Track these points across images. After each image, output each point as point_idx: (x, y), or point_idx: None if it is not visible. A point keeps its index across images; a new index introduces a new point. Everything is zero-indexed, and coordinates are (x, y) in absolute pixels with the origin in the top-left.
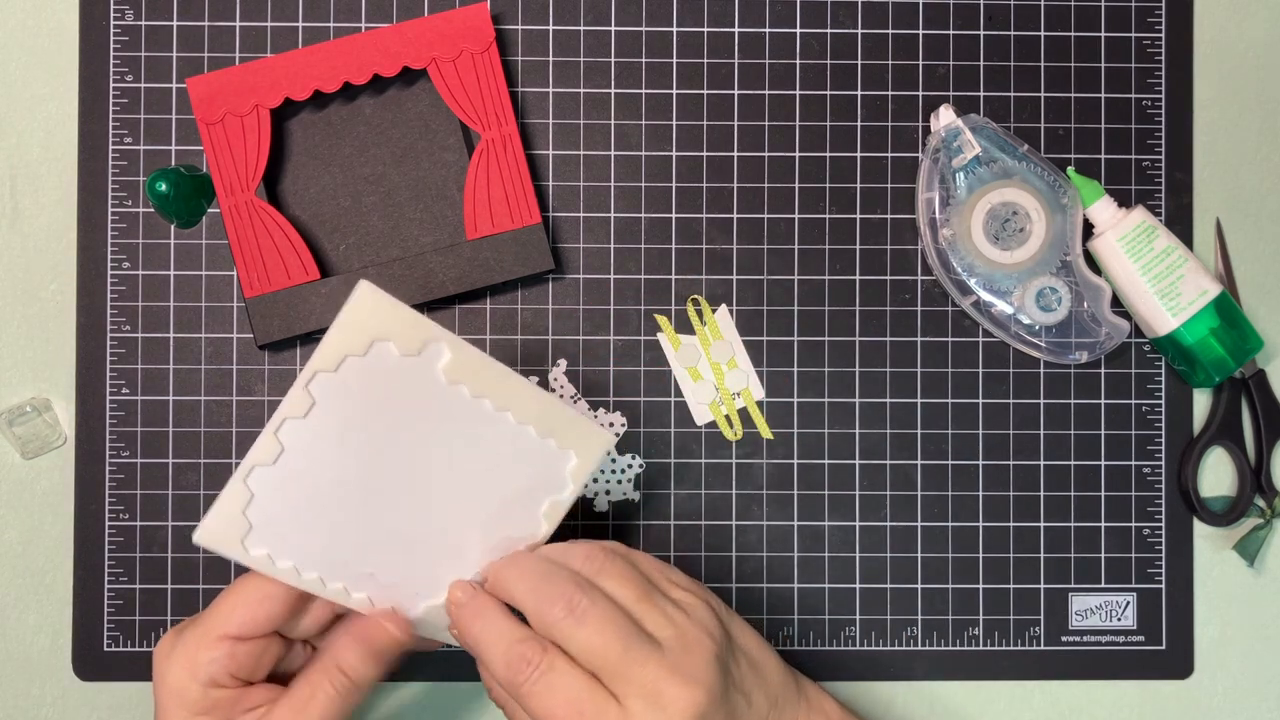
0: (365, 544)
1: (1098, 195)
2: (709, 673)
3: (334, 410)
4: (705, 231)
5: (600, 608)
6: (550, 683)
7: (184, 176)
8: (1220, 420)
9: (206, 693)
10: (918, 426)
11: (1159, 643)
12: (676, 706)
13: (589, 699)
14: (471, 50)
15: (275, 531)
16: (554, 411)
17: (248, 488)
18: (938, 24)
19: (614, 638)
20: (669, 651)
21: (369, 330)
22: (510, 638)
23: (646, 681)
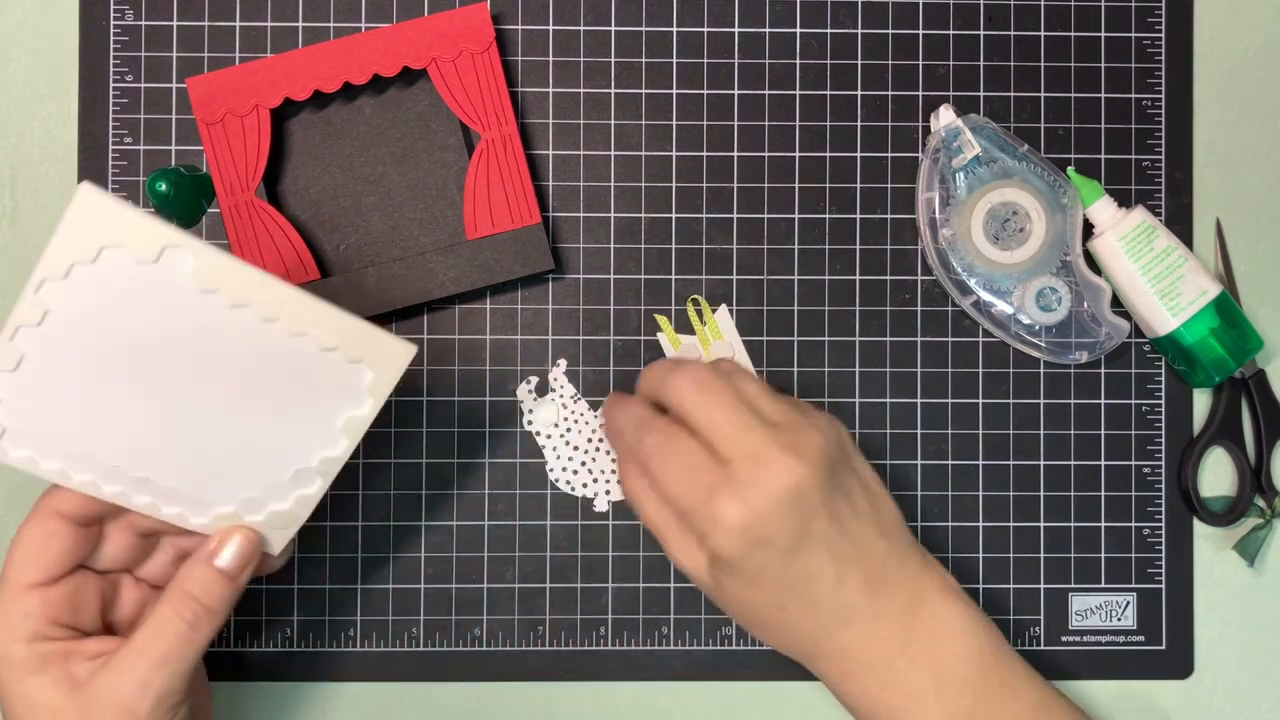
0: (134, 450)
1: (1098, 195)
2: (814, 455)
3: (72, 317)
4: (705, 231)
5: (722, 385)
6: (669, 445)
7: (184, 176)
8: (1220, 420)
9: (33, 649)
10: (918, 426)
11: (1159, 643)
12: (775, 469)
13: (700, 458)
14: (471, 50)
15: (34, 436)
16: (338, 323)
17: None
18: (938, 24)
19: (734, 409)
20: (780, 429)
21: (95, 236)
22: (642, 415)
23: (752, 445)
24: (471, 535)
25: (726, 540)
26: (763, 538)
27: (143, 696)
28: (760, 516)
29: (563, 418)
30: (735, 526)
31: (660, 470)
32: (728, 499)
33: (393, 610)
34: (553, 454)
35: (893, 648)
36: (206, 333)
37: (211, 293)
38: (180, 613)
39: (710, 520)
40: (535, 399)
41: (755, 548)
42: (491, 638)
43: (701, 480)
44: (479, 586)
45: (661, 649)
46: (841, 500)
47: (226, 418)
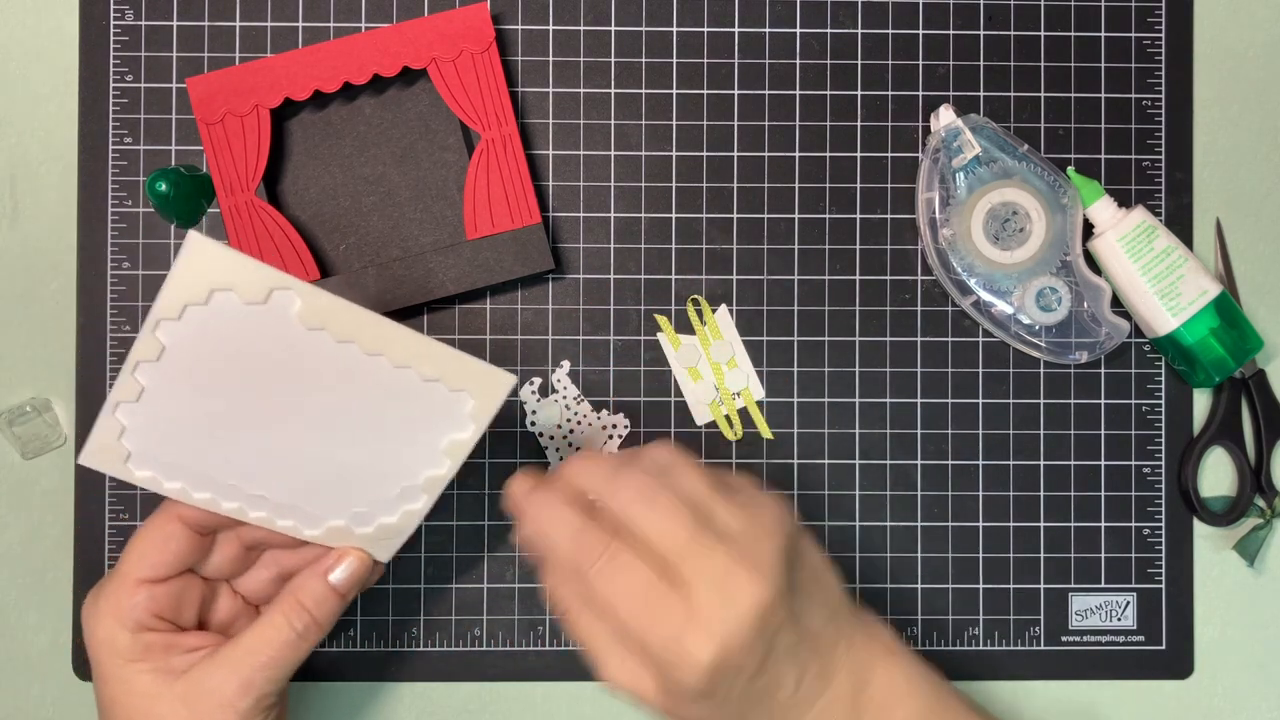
0: (250, 470)
1: (1098, 195)
2: (777, 566)
3: (188, 352)
4: (705, 231)
5: (671, 494)
6: (618, 566)
7: (184, 176)
8: (1220, 420)
9: (137, 638)
10: (918, 426)
11: (1159, 643)
12: (742, 594)
13: (655, 589)
14: (471, 50)
15: (158, 458)
16: (438, 355)
17: (118, 420)
18: (938, 24)
19: (684, 523)
20: (739, 541)
21: (206, 281)
22: (577, 524)
23: (715, 569)
24: (471, 535)
25: (697, 679)
26: (734, 667)
27: (245, 695)
28: (733, 651)
29: (565, 419)
30: (708, 665)
31: (612, 597)
32: (698, 638)
33: (393, 610)
34: (555, 455)
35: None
36: (315, 365)
37: (318, 330)
38: (292, 621)
39: (679, 659)
40: (538, 400)
41: (725, 677)
42: (491, 638)
43: (661, 616)
44: (479, 586)
45: None
46: (797, 600)
47: (336, 441)
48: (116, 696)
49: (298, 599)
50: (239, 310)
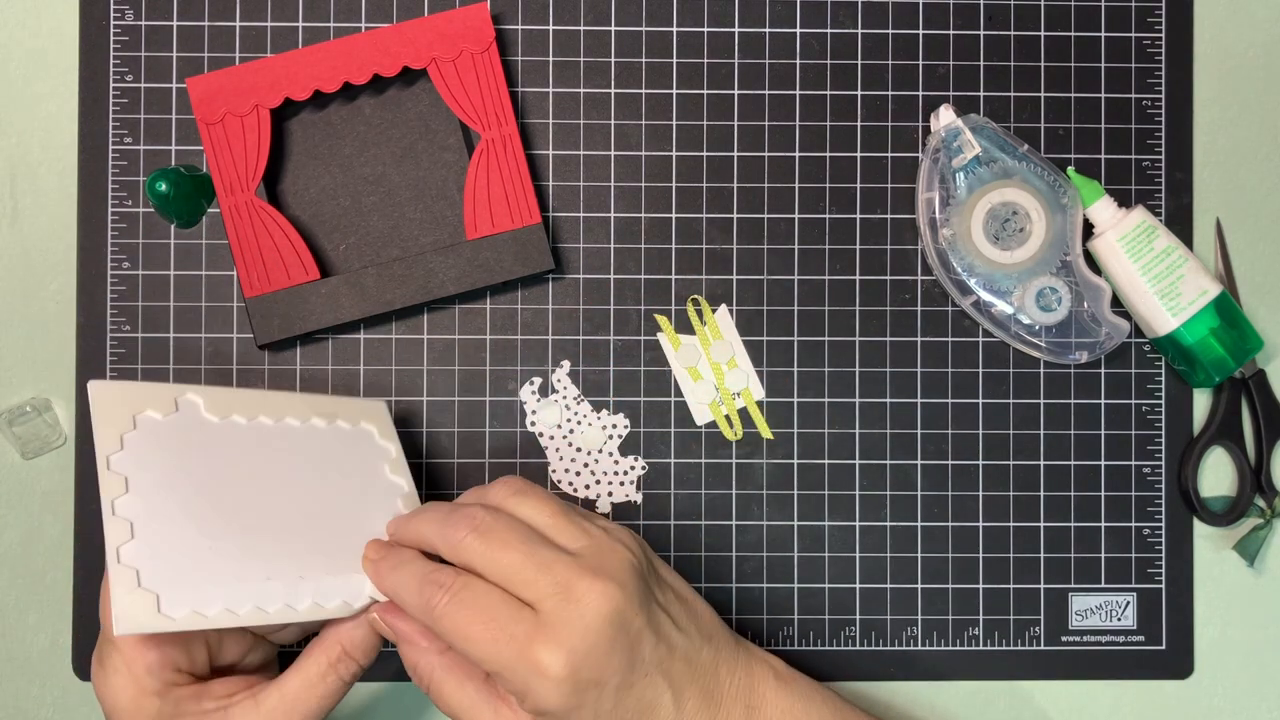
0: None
1: (1098, 195)
2: (625, 575)
3: (147, 477)
4: (705, 231)
5: (505, 522)
6: (463, 600)
7: (184, 176)
8: (1220, 420)
9: (166, 699)
10: (918, 426)
11: (1159, 643)
12: (589, 600)
13: (503, 609)
14: (471, 50)
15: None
16: (321, 403)
17: (127, 567)
18: (938, 24)
19: (520, 546)
20: (581, 556)
21: (122, 413)
22: (423, 571)
23: (557, 581)
24: None
25: (552, 693)
26: (592, 679)
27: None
28: (585, 657)
29: (565, 419)
30: (560, 675)
31: (459, 631)
32: (546, 647)
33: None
34: (555, 455)
35: None
36: (247, 447)
37: (229, 417)
38: (339, 671)
39: (530, 674)
40: (539, 400)
41: (585, 692)
42: None
43: (510, 632)
44: None
45: None
46: (661, 615)
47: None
48: None
49: (343, 647)
50: (163, 424)
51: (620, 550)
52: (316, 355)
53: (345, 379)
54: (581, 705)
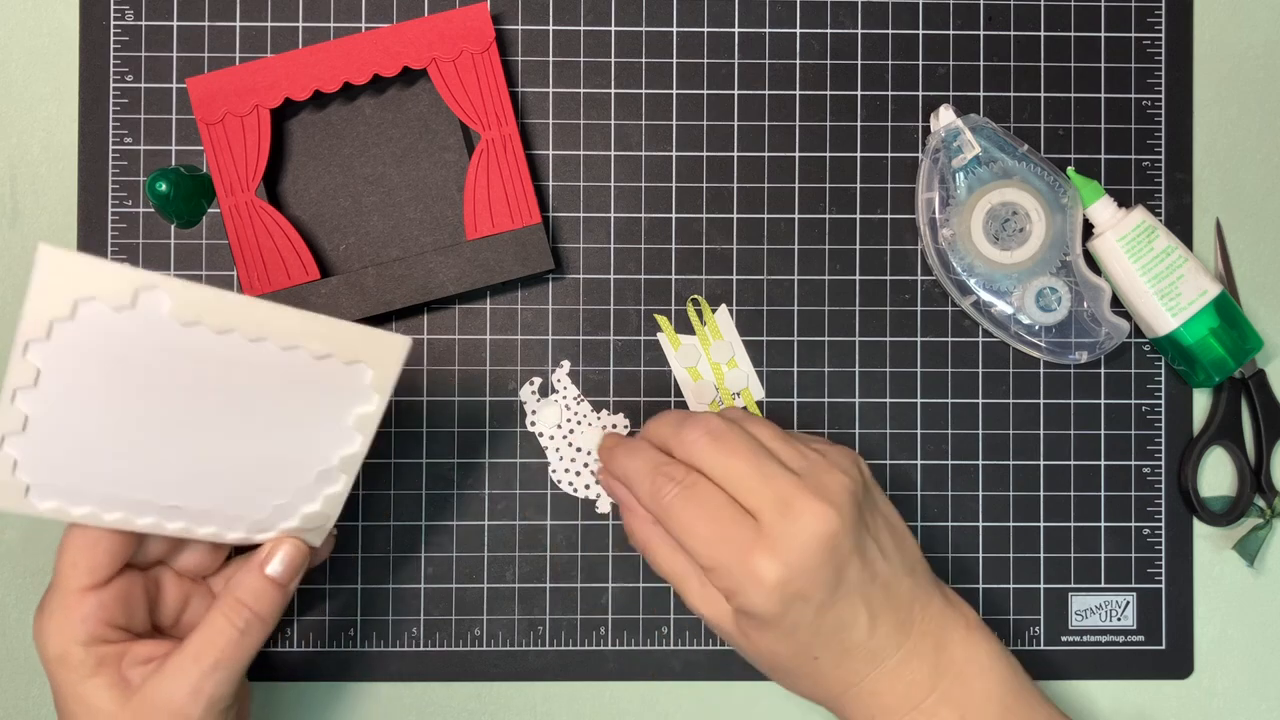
0: (160, 482)
1: (1098, 195)
2: (842, 498)
3: (67, 372)
4: (705, 231)
5: (737, 431)
6: (691, 496)
7: (184, 176)
8: (1220, 420)
9: (89, 652)
10: (918, 426)
11: (1159, 643)
12: (806, 519)
13: (727, 511)
14: (471, 50)
15: (58, 486)
16: (324, 328)
17: (7, 454)
18: (938, 24)
19: (748, 455)
20: (805, 475)
21: (67, 293)
22: (656, 461)
23: (779, 494)
24: (471, 535)
25: (764, 599)
26: (800, 592)
27: (195, 701)
28: (798, 572)
29: (565, 419)
30: (773, 584)
31: (684, 525)
32: (764, 556)
33: (393, 610)
34: (555, 455)
35: (922, 689)
36: (200, 362)
37: (194, 324)
38: (233, 620)
39: (746, 578)
40: (538, 400)
41: (792, 603)
42: (491, 638)
43: (732, 536)
44: (479, 586)
45: (661, 649)
46: (870, 542)
47: (241, 437)
48: (76, 714)
49: (236, 596)
50: (109, 318)
51: (838, 474)
52: None
53: None
54: (785, 614)
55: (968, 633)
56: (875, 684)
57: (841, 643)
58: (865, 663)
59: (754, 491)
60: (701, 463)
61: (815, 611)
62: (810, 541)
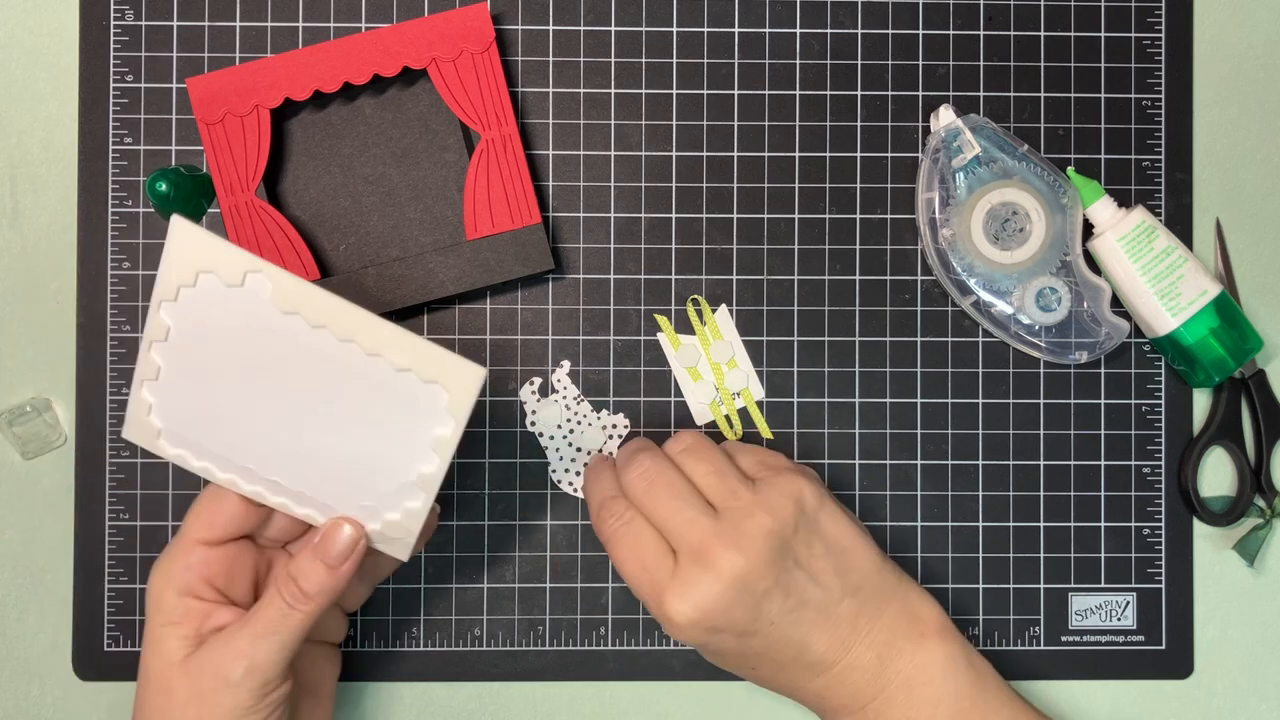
0: (262, 454)
1: (1098, 195)
2: (758, 544)
3: (188, 334)
4: (705, 231)
5: (668, 477)
6: (626, 533)
7: (184, 176)
8: (1220, 420)
9: (179, 601)
10: (918, 426)
11: (1159, 643)
12: (715, 567)
13: (651, 551)
14: (471, 50)
15: (183, 437)
16: (405, 344)
17: (145, 397)
18: (938, 24)
19: (671, 504)
20: (723, 519)
21: (191, 263)
22: (608, 492)
23: (696, 541)
24: (471, 535)
25: (680, 634)
26: (715, 627)
27: (236, 663)
28: (706, 613)
29: (566, 419)
30: (684, 624)
31: (617, 559)
32: (675, 599)
33: (393, 610)
34: (556, 455)
35: (864, 695)
36: (297, 349)
37: (292, 313)
38: (281, 593)
39: (661, 616)
40: (539, 400)
41: (710, 635)
42: (491, 638)
43: (652, 578)
44: (479, 586)
45: (661, 649)
46: (798, 574)
47: (331, 430)
48: (146, 655)
49: (289, 572)
50: (222, 292)
51: (761, 517)
52: None
53: None
54: (708, 643)
55: (919, 641)
56: (817, 688)
57: (773, 660)
58: (802, 675)
59: (675, 535)
60: (637, 502)
61: (737, 639)
62: (716, 586)
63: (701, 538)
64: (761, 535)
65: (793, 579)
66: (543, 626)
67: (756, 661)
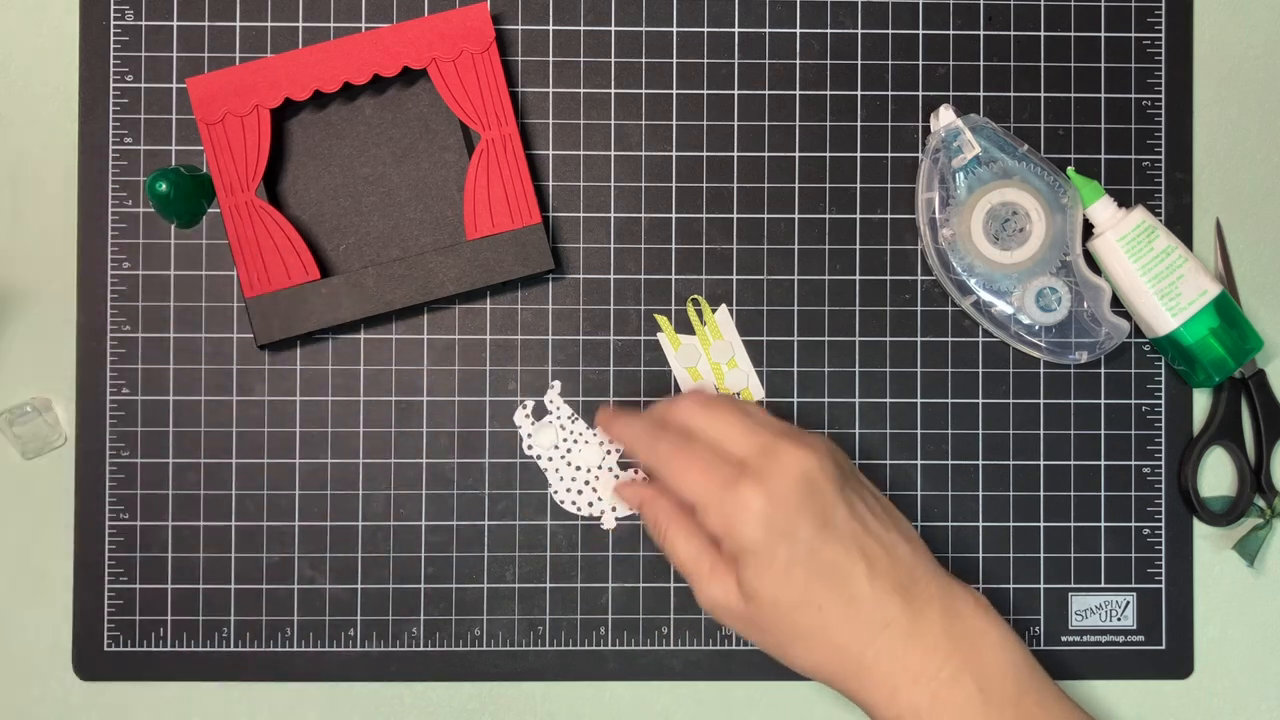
0: None
1: (1098, 195)
2: (822, 450)
3: None
4: (705, 231)
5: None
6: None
7: (184, 176)
8: (1220, 420)
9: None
10: (918, 426)
11: (1159, 643)
12: (786, 458)
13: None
14: (471, 50)
15: None
16: None
17: None
18: (938, 24)
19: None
20: (787, 432)
21: None
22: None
23: (763, 442)
24: (471, 535)
25: (752, 527)
26: (786, 526)
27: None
28: (780, 501)
29: (562, 439)
30: (759, 511)
31: (679, 470)
32: (749, 487)
33: (393, 610)
34: (556, 476)
35: (937, 656)
36: None
37: None
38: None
39: (734, 508)
40: (533, 423)
41: (780, 538)
42: (491, 638)
43: (721, 474)
44: (479, 586)
45: (661, 649)
46: (857, 499)
47: None
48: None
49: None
50: None
51: (817, 439)
52: (316, 355)
53: (345, 379)
54: (776, 548)
55: (977, 608)
56: (888, 646)
57: (843, 590)
58: (873, 619)
59: (739, 442)
60: (693, 424)
61: (806, 550)
62: (790, 474)
63: (770, 439)
64: (823, 447)
65: (853, 498)
66: (543, 626)
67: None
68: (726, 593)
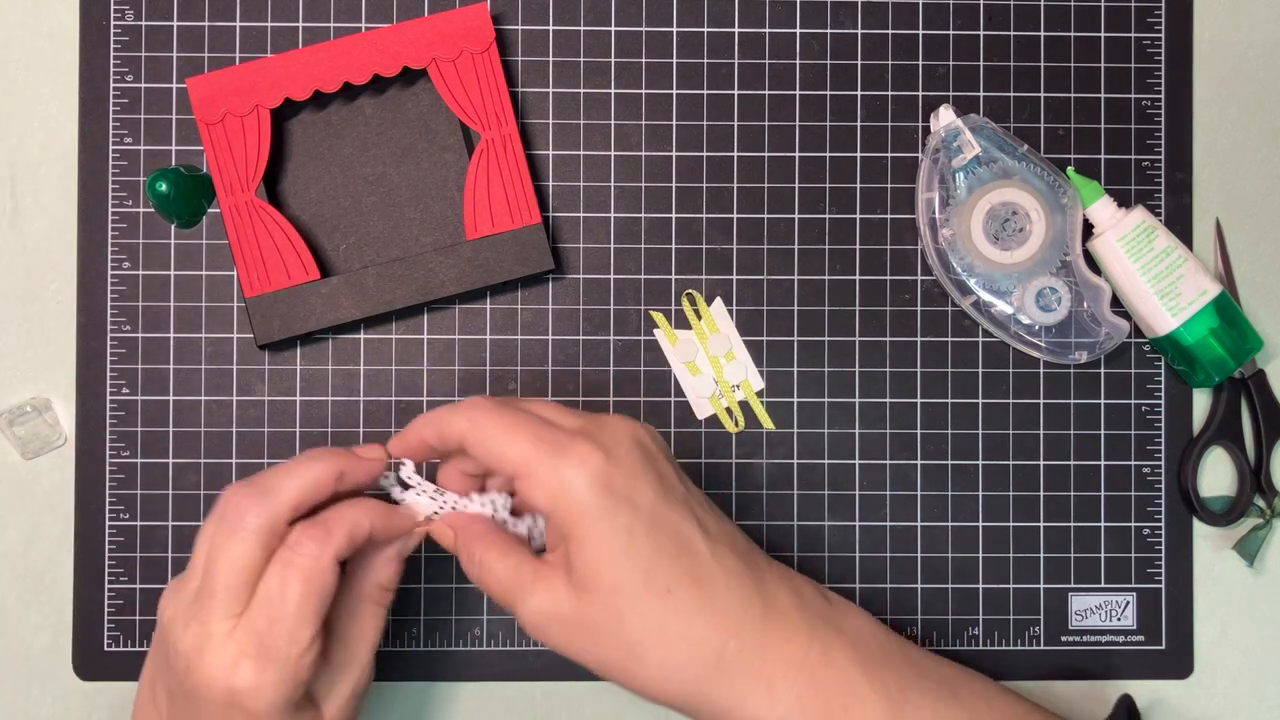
0: None
1: (1098, 195)
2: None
3: None
4: (705, 231)
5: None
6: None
7: (184, 176)
8: (1220, 420)
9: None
10: (918, 426)
11: (1159, 643)
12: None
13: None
14: (471, 50)
15: None
16: None
17: None
18: (938, 24)
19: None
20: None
21: None
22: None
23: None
24: None
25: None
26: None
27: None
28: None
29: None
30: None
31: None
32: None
33: (393, 610)
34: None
35: (800, 636)
36: None
37: None
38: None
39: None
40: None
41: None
42: (491, 638)
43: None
44: None
45: None
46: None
47: None
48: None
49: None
50: None
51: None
52: (316, 355)
53: (345, 379)
54: (617, 513)
55: (816, 587)
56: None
57: (690, 565)
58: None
59: (563, 418)
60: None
61: (649, 517)
62: (624, 438)
63: (588, 415)
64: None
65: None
66: None
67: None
68: (554, 597)
